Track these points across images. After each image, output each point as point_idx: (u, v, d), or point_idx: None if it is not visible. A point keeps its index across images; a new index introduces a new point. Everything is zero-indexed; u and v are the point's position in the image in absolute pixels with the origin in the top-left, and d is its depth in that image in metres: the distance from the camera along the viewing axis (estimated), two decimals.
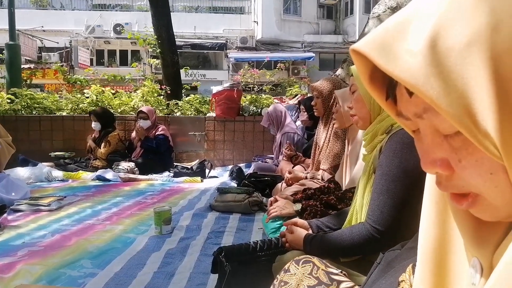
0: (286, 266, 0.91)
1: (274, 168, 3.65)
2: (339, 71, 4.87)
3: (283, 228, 1.88)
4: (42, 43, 16.96)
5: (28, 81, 5.72)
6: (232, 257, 1.43)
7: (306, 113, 3.30)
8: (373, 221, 1.17)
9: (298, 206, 1.93)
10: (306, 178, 2.52)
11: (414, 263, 0.65)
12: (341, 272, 0.92)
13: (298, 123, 4.27)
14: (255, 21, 19.39)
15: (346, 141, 2.01)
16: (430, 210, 0.47)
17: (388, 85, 0.41)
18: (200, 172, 4.22)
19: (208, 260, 1.82)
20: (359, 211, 1.33)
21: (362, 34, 4.89)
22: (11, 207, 2.71)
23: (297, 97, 5.31)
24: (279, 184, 2.82)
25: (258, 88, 6.23)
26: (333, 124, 2.44)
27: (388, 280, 0.94)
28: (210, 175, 4.32)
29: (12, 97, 4.90)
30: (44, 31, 17.42)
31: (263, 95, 5.64)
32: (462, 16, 0.31)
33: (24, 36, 13.23)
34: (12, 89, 5.10)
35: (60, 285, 1.57)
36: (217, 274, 1.45)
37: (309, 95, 4.98)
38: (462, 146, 0.35)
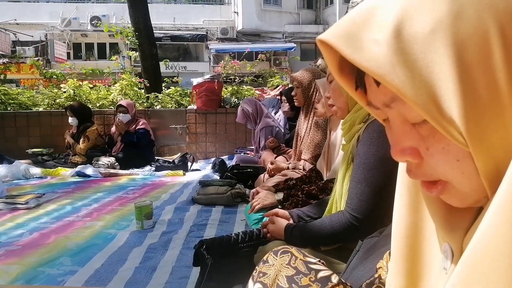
0: (264, 257, 0.91)
1: (257, 159, 3.64)
2: (320, 61, 4.87)
3: (265, 219, 1.89)
4: (16, 37, 16.41)
5: (2, 77, 5.54)
6: (213, 249, 1.43)
7: (287, 103, 3.29)
8: (352, 209, 1.18)
9: (280, 196, 1.93)
10: (288, 168, 2.53)
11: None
12: (319, 261, 0.93)
13: (280, 113, 4.27)
14: (235, 12, 19.24)
15: (328, 131, 2.02)
16: (403, 197, 0.47)
17: (357, 75, 0.41)
18: (182, 165, 4.19)
19: (190, 254, 1.80)
20: (339, 200, 1.35)
21: None
22: None
23: (278, 87, 5.31)
24: (262, 175, 2.81)
25: (240, 79, 6.19)
26: (314, 114, 2.45)
27: (366, 267, 0.95)
28: (192, 168, 4.30)
29: None
30: (17, 24, 16.85)
31: (244, 86, 5.61)
32: (425, 4, 0.31)
33: None
34: None
35: (38, 284, 1.54)
36: (199, 267, 1.44)
37: (290, 85, 4.99)
38: (430, 134, 0.35)
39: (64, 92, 5.02)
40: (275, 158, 3.00)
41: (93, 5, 18.82)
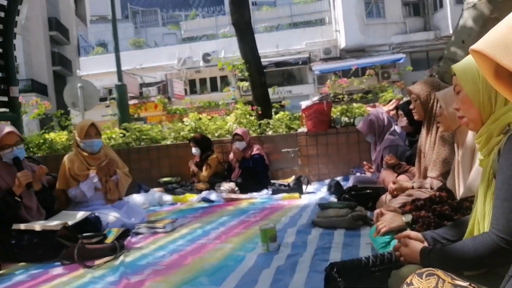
0: (408, 280, 0.88)
1: (375, 179, 3.51)
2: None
3: (394, 242, 1.80)
4: (142, 79, 18.84)
5: (136, 116, 6.39)
6: (344, 272, 1.42)
7: (405, 118, 3.13)
8: (499, 231, 1.07)
9: (408, 218, 1.84)
10: (412, 187, 2.39)
11: None
12: (470, 284, 0.86)
13: (396, 129, 4.07)
14: (337, 30, 19.20)
15: (455, 145, 1.87)
16: None
17: None
18: (297, 188, 4.24)
19: (318, 277, 1.82)
20: (481, 221, 1.23)
21: (457, 27, 4.54)
22: (132, 230, 3.01)
23: (391, 102, 5.09)
24: (383, 196, 2.71)
25: (348, 97, 6.11)
26: (438, 128, 2.30)
27: None
28: (307, 190, 4.32)
29: (124, 131, 5.52)
30: (142, 68, 19.38)
31: (354, 104, 5.51)
32: None
33: (127, 75, 14.85)
34: (123, 124, 5.75)
35: None
36: None
37: (405, 99, 4.75)
38: None
39: (187, 125, 5.56)
40: (396, 177, 2.86)
41: (203, 43, 20.65)
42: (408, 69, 10.09)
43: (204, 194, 4.31)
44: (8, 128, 2.80)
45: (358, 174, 4.24)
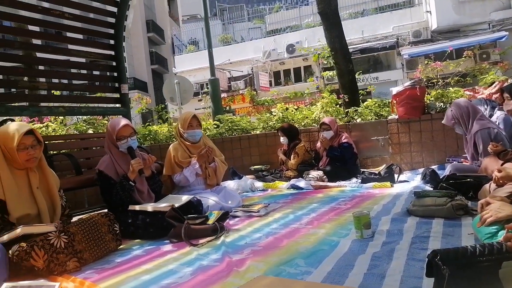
0: None
1: (476, 168, 3.29)
2: None
3: (502, 233, 1.71)
4: (230, 74, 19.57)
5: (227, 108, 6.73)
6: (448, 260, 1.39)
7: None
8: None
9: None
10: None
11: None
12: None
13: (499, 114, 3.77)
14: (427, 11, 17.88)
15: None
16: None
17: None
18: (388, 177, 4.13)
19: (417, 265, 1.80)
20: None
21: None
22: (230, 213, 3.22)
23: (494, 84, 4.66)
24: (487, 185, 2.54)
25: (443, 81, 5.71)
26: None
27: None
28: (399, 179, 4.19)
29: (218, 122, 5.86)
30: (230, 63, 20.09)
31: (451, 88, 5.15)
32: None
33: (217, 70, 15.56)
34: (217, 116, 6.10)
35: None
36: (432, 278, 1.42)
37: (510, 80, 4.33)
38: None
39: (275, 115, 5.72)
40: (501, 165, 2.65)
41: (287, 34, 20.68)
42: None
43: (293, 181, 4.43)
44: (123, 121, 3.15)
45: (455, 162, 3.99)
